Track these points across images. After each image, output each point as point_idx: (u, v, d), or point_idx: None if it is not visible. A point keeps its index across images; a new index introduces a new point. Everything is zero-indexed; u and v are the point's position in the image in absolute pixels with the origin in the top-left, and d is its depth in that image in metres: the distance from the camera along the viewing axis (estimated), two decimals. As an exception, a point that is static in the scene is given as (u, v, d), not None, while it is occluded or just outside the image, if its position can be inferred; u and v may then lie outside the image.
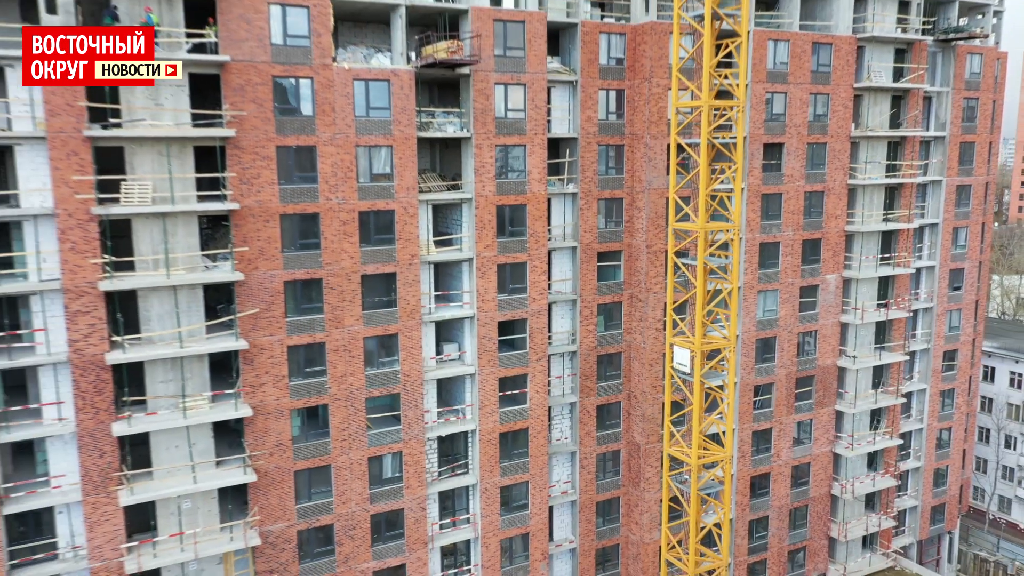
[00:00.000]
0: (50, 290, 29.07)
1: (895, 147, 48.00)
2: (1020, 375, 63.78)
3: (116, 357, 29.57)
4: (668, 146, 37.24)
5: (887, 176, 47.43)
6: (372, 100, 33.49)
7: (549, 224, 39.65)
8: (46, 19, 27.69)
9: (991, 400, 65.48)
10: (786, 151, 43.76)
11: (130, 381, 30.60)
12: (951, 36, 47.45)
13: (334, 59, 32.79)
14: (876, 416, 49.88)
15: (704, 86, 32.98)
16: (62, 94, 27.97)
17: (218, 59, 29.87)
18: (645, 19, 39.66)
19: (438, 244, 36.75)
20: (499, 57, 35.88)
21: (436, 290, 37.00)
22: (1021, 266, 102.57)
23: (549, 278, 40.01)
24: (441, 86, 38.44)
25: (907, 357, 50.26)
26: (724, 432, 37.21)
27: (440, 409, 37.88)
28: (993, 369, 65.18)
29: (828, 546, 50.02)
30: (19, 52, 27.38)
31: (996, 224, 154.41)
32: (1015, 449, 64.74)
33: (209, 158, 31.10)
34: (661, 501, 41.28)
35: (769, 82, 42.48)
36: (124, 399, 30.53)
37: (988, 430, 65.95)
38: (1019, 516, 65.20)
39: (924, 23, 47.71)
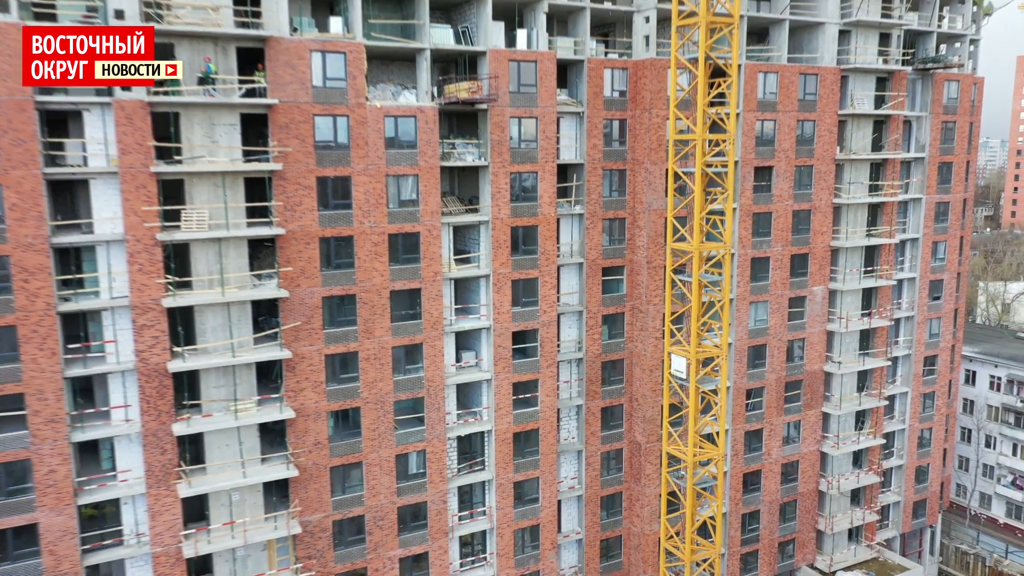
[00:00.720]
0: (119, 306, 32.84)
1: (877, 168, 51.73)
2: (999, 379, 67.47)
3: (177, 365, 33.38)
4: (667, 171, 40.95)
5: (870, 195, 51.10)
6: (400, 134, 37.26)
7: (558, 242, 43.28)
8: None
9: (972, 402, 69.25)
10: (775, 173, 47.44)
11: (188, 386, 34.43)
12: (929, 66, 51.15)
13: (367, 98, 36.54)
14: (861, 417, 53.57)
15: (698, 121, 36.78)
16: (132, 134, 31.74)
17: (267, 102, 33.65)
18: (645, 55, 43.38)
19: (458, 262, 40.46)
20: (513, 93, 39.61)
21: (456, 303, 40.74)
22: (1009, 272, 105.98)
23: (558, 291, 43.65)
24: (460, 116, 42.04)
25: (890, 362, 53.96)
26: (717, 432, 41.02)
27: (459, 411, 41.59)
28: (974, 373, 68.88)
29: (816, 538, 53.72)
30: (95, 98, 31.47)
31: (988, 230, 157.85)
32: (995, 448, 68.46)
33: (257, 188, 34.91)
34: (660, 496, 44.90)
35: (760, 111, 46.17)
36: (183, 403, 34.38)
37: (970, 430, 69.67)
38: (998, 511, 68.91)
39: (904, 54, 51.41)
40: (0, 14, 29.64)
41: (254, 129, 35.36)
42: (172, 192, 33.16)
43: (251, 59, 34.26)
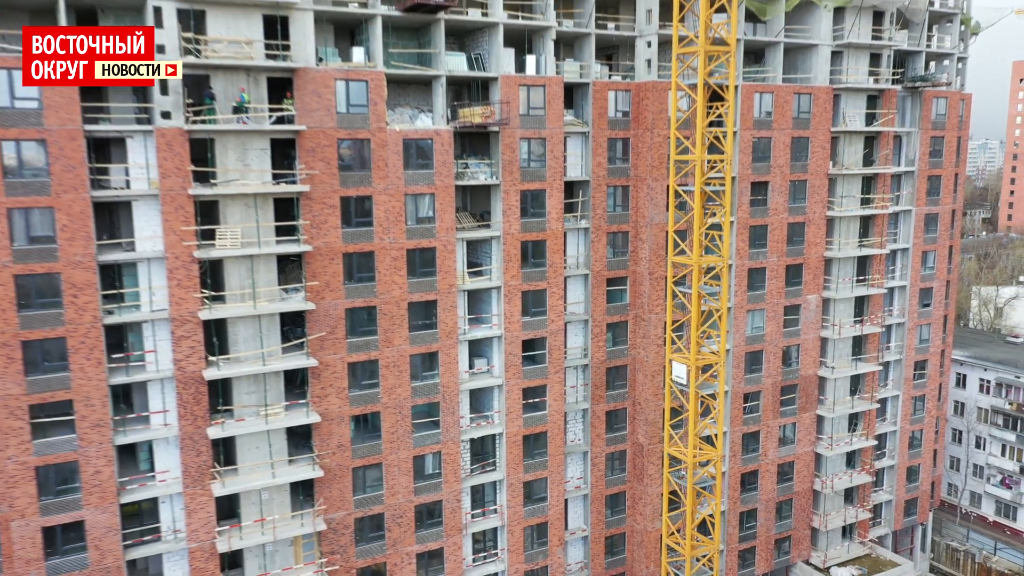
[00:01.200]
0: (159, 319, 35.25)
1: (869, 181, 54.16)
2: (988, 381, 69.85)
3: (211, 373, 35.81)
4: (668, 188, 43.33)
5: (862, 207, 53.52)
6: (418, 156, 39.69)
7: (565, 255, 45.65)
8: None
9: (963, 404, 71.64)
10: (771, 188, 49.81)
11: (221, 393, 36.87)
12: (918, 84, 53.57)
13: (387, 122, 38.94)
14: (854, 420, 55.97)
15: (697, 143, 39.23)
16: (172, 159, 34.16)
17: (296, 128, 36.07)
18: (647, 78, 45.78)
19: (471, 275, 42.84)
20: (523, 116, 42.01)
21: (469, 314, 43.13)
22: (1002, 277, 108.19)
23: (565, 302, 46.02)
24: (473, 137, 44.27)
25: (881, 367, 56.33)
26: (716, 434, 43.44)
27: (472, 415, 44.00)
28: (965, 376, 71.28)
29: (811, 535, 56.11)
30: (136, 126, 33.95)
31: (984, 232, 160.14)
32: (984, 449, 70.83)
33: (285, 207, 37.32)
34: (662, 495, 47.18)
35: (756, 129, 48.56)
36: (217, 408, 36.84)
37: (960, 432, 72.04)
38: (988, 510, 71.28)
39: (893, 73, 53.81)
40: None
41: (282, 152, 37.79)
42: (208, 212, 35.52)
43: (280, 87, 36.69)
